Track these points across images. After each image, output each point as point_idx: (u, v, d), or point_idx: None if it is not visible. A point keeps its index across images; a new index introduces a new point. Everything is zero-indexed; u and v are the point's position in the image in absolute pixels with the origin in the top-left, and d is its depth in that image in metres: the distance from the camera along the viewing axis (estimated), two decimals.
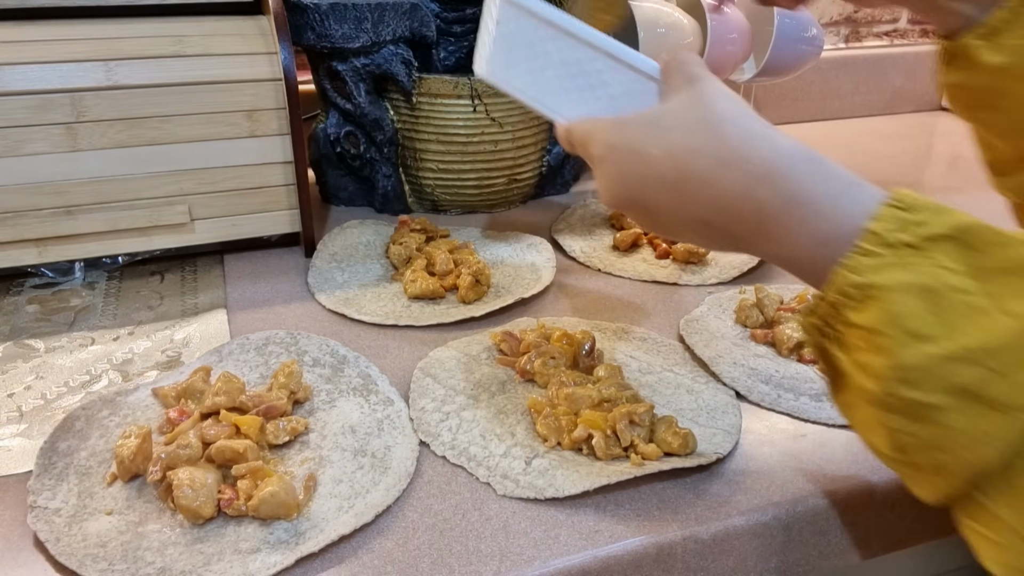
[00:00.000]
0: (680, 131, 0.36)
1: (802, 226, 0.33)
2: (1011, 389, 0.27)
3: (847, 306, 0.31)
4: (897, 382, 0.29)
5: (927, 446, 0.29)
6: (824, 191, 0.33)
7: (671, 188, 0.36)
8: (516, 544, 0.40)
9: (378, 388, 0.51)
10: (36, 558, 0.39)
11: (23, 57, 0.58)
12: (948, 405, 0.28)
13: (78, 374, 0.53)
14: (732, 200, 0.35)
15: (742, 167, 0.34)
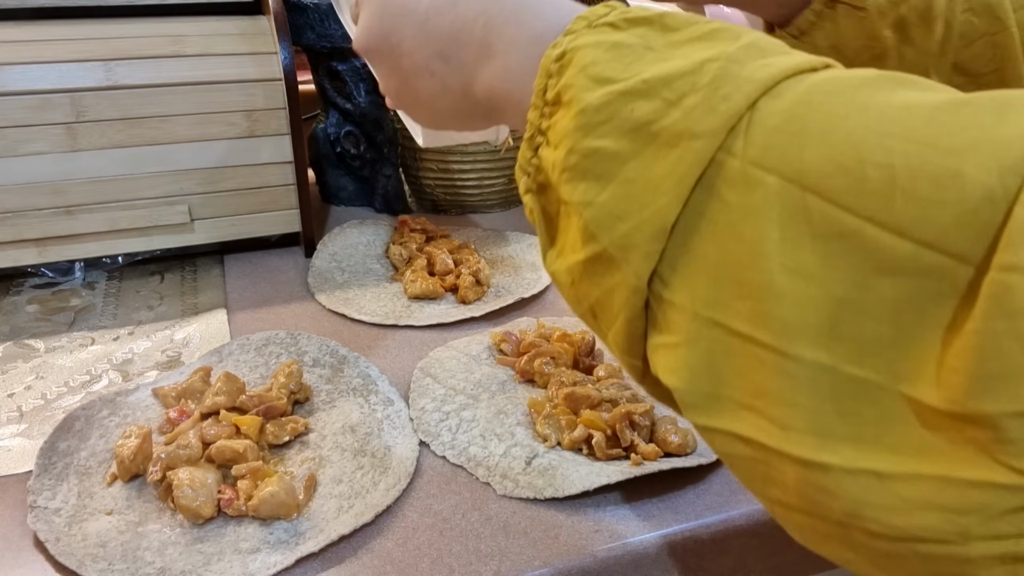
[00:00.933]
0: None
1: (520, 29, 0.32)
2: (683, 116, 0.24)
3: (548, 87, 0.29)
4: (581, 133, 0.26)
5: (605, 214, 0.25)
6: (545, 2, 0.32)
7: (420, 21, 0.36)
8: (516, 544, 0.40)
9: (378, 388, 0.51)
10: (36, 558, 0.39)
11: (23, 57, 0.58)
12: (622, 147, 0.25)
13: (78, 374, 0.53)
14: (467, 21, 0.34)
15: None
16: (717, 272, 0.23)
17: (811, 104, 0.22)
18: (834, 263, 0.20)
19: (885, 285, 0.20)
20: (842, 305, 0.20)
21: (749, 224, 0.22)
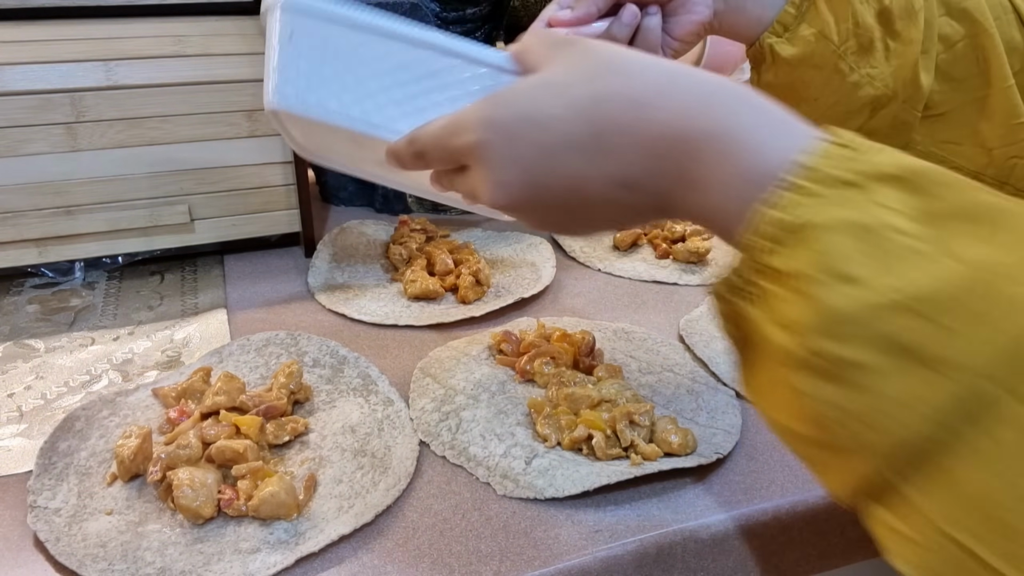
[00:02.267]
0: (581, 82, 0.31)
1: (727, 161, 0.28)
2: (952, 344, 0.22)
3: (767, 250, 0.26)
4: (821, 335, 0.24)
5: (849, 418, 0.24)
6: (754, 122, 0.29)
7: (583, 148, 0.31)
8: (516, 544, 0.40)
9: (378, 388, 0.51)
10: (36, 558, 0.39)
11: (23, 57, 0.58)
12: (877, 364, 0.23)
13: (78, 374, 0.53)
14: (656, 144, 0.30)
15: (665, 104, 0.30)
16: (971, 501, 0.22)
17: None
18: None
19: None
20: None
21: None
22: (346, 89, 0.35)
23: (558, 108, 0.31)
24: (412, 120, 0.35)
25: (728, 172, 0.28)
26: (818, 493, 0.43)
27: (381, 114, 0.36)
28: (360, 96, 0.35)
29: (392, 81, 0.35)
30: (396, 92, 0.36)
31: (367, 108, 0.35)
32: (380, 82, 0.36)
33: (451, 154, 0.35)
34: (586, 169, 0.31)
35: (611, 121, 0.31)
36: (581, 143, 0.31)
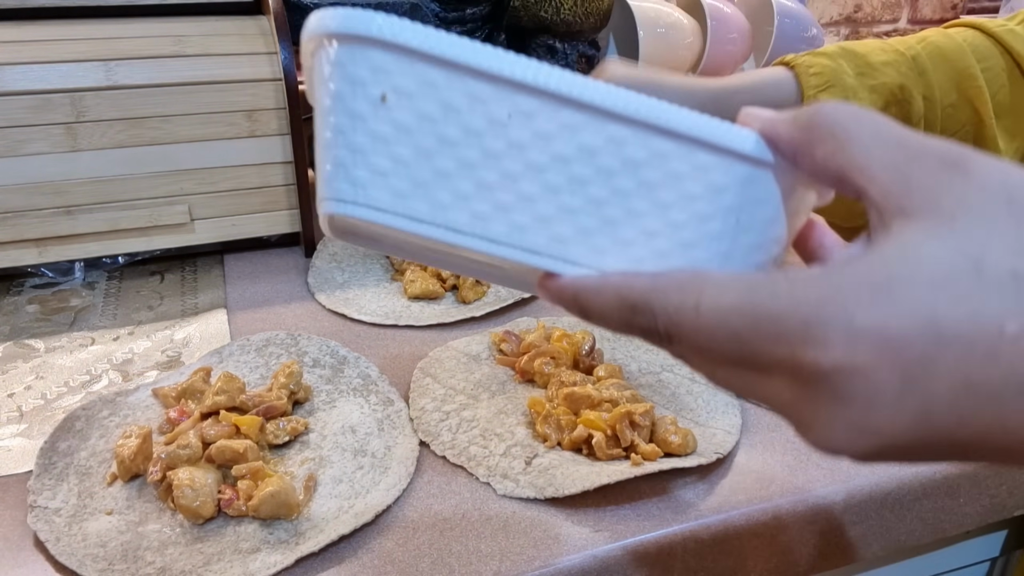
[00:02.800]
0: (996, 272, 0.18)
1: None
2: None
3: None
4: None
5: None
6: None
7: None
8: (516, 544, 0.40)
9: (378, 388, 0.51)
10: (36, 558, 0.39)
11: (23, 57, 0.58)
12: None
13: (78, 374, 0.53)
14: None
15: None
16: None
17: None
18: None
19: None
20: None
21: None
22: (484, 191, 0.21)
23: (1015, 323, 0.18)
24: (596, 242, 0.22)
25: None
26: (818, 493, 0.43)
27: (545, 234, 0.22)
28: (508, 204, 0.22)
29: (563, 178, 0.22)
30: (569, 197, 0.22)
31: (521, 224, 0.22)
32: (542, 180, 0.21)
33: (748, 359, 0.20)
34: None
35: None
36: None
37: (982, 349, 0.18)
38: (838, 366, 0.19)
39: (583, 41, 0.80)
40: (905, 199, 0.19)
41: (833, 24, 1.22)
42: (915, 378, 0.18)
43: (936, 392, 0.18)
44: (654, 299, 0.21)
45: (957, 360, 0.18)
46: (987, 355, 0.18)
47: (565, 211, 0.22)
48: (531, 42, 0.79)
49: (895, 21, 1.25)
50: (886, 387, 0.19)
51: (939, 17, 1.28)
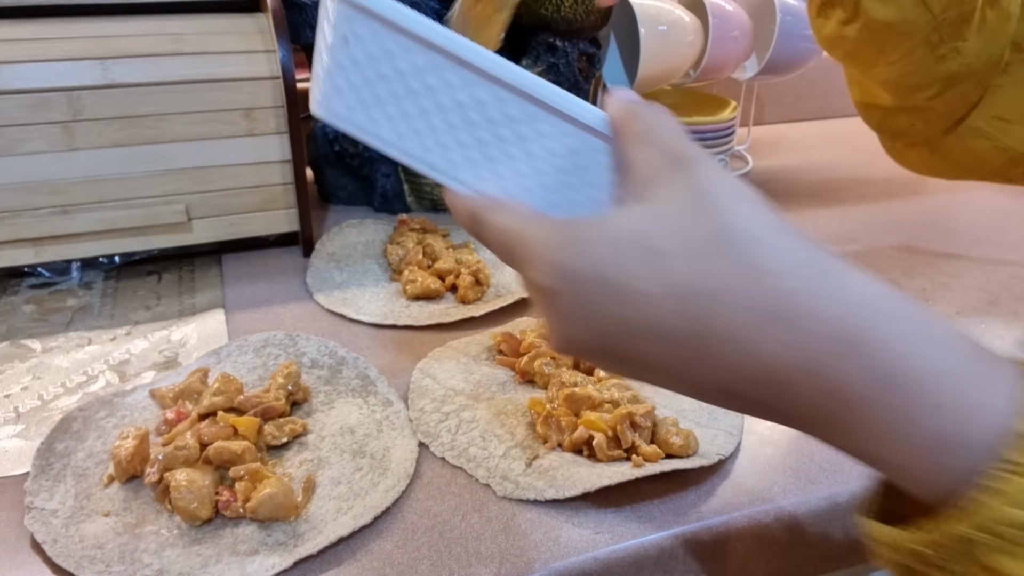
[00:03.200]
0: (685, 258, 0.24)
1: (906, 420, 0.22)
2: None
3: (997, 550, 0.21)
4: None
5: None
6: (939, 368, 0.22)
7: (679, 343, 0.25)
8: (516, 546, 0.39)
9: (377, 389, 0.51)
10: (33, 559, 0.39)
11: (19, 55, 0.57)
12: None
13: (75, 375, 0.53)
14: (786, 373, 0.23)
15: (804, 327, 0.23)
16: None
17: None
18: None
19: None
20: None
21: None
22: (405, 117, 0.29)
23: (652, 286, 0.24)
24: (479, 171, 0.30)
25: (905, 431, 0.22)
26: (820, 495, 0.43)
27: (443, 157, 0.30)
28: (420, 129, 0.29)
29: (460, 119, 0.29)
30: (463, 134, 0.29)
31: (427, 145, 0.30)
32: (446, 117, 0.29)
33: (515, 268, 0.29)
34: (676, 363, 0.25)
35: (721, 328, 0.24)
36: (677, 337, 0.25)
37: (629, 300, 0.25)
38: (544, 286, 0.26)
39: (584, 39, 0.80)
40: (639, 188, 0.27)
41: None
42: (589, 306, 0.26)
43: (601, 323, 0.26)
44: (485, 215, 0.29)
45: (615, 302, 0.25)
46: (630, 304, 0.25)
47: (459, 144, 0.30)
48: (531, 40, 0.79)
49: None
50: (573, 309, 0.26)
51: None
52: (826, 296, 0.23)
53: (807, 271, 0.24)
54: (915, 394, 0.22)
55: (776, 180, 0.95)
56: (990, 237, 0.78)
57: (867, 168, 0.98)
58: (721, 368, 0.24)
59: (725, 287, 0.24)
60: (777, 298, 0.23)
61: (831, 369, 0.23)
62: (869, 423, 0.23)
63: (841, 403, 0.23)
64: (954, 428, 0.22)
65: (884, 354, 0.22)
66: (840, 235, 0.78)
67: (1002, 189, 0.90)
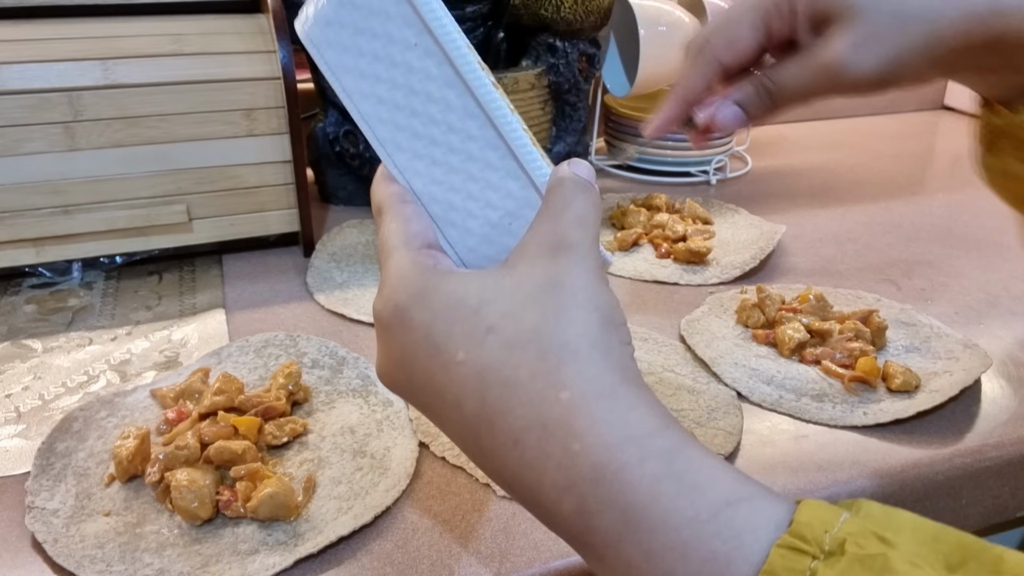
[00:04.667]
0: (503, 340, 0.25)
1: (646, 559, 0.22)
2: None
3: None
4: None
5: None
6: (683, 513, 0.22)
7: (469, 424, 0.25)
8: (516, 546, 0.40)
9: (377, 389, 0.51)
10: (34, 559, 0.39)
11: (20, 56, 0.58)
12: None
13: (76, 374, 0.53)
14: (546, 483, 0.24)
15: (567, 444, 0.23)
16: None
17: None
18: None
19: None
20: None
21: None
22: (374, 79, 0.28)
23: (466, 358, 0.25)
24: (415, 165, 0.29)
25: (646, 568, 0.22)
26: (820, 495, 0.43)
27: (391, 133, 0.29)
28: (383, 98, 0.29)
29: (423, 109, 0.29)
30: (419, 124, 0.29)
31: (381, 115, 0.29)
32: (410, 101, 0.29)
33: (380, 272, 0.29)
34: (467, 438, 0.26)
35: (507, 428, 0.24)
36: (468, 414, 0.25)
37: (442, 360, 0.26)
38: (380, 316, 0.27)
39: (583, 39, 0.80)
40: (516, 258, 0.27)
41: None
42: (409, 353, 0.27)
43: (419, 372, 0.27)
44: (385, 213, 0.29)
45: (430, 360, 0.26)
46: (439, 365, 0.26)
47: (410, 131, 0.29)
48: (531, 40, 0.79)
49: None
50: (395, 349, 0.27)
51: None
52: (601, 422, 0.23)
53: (593, 390, 0.24)
54: (661, 538, 0.22)
55: (775, 181, 0.95)
56: (989, 237, 0.78)
57: (866, 169, 0.98)
58: (498, 462, 0.25)
59: (520, 382, 0.24)
60: (559, 412, 0.23)
61: (589, 496, 0.23)
62: (616, 556, 0.23)
63: (596, 531, 0.23)
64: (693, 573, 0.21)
65: (636, 493, 0.22)
66: (839, 235, 0.78)
67: None
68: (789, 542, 0.20)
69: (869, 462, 0.45)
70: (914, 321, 0.60)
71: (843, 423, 0.49)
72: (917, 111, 1.28)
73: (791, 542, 0.20)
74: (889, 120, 1.23)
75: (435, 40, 0.28)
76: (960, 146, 1.10)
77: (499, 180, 0.29)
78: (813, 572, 0.20)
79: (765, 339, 0.57)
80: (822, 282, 0.68)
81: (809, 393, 0.51)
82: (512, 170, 0.29)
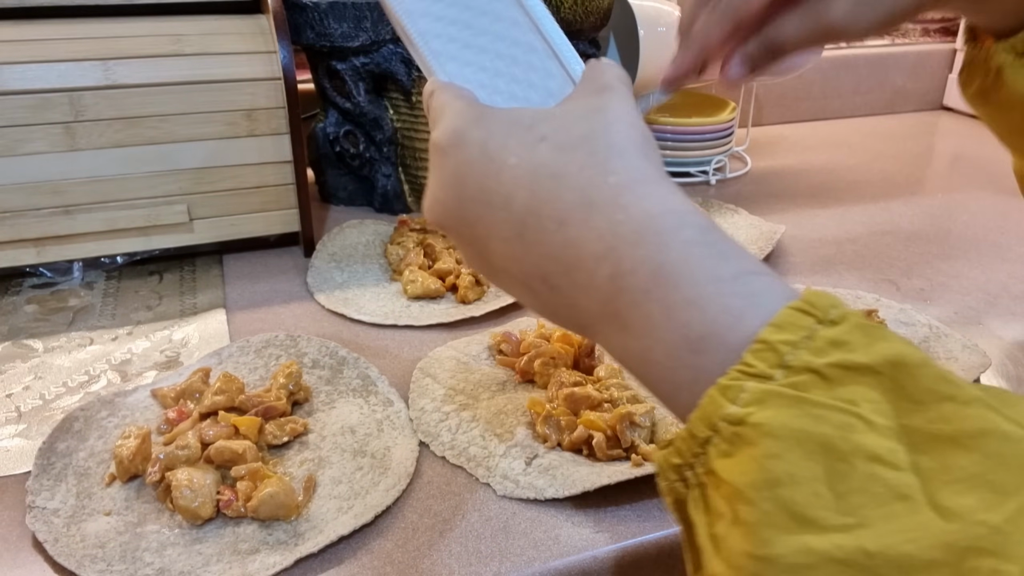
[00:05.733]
0: (554, 144, 0.27)
1: (667, 313, 0.23)
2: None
3: (714, 446, 0.21)
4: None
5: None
6: (708, 271, 0.23)
7: (517, 216, 0.27)
8: (516, 545, 0.40)
9: (377, 389, 0.51)
10: (35, 558, 0.39)
11: (21, 56, 0.58)
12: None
13: (77, 374, 0.53)
14: (586, 255, 0.25)
15: (612, 215, 0.25)
16: None
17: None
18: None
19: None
20: None
21: None
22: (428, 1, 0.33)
23: (516, 159, 0.28)
24: (463, 71, 0.32)
25: (664, 325, 0.23)
26: None
27: (443, 43, 0.33)
28: (438, 13, 0.33)
29: (474, 20, 0.32)
30: (468, 33, 0.33)
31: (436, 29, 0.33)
32: (462, 14, 0.33)
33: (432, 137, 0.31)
34: (508, 242, 0.28)
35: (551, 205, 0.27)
36: (516, 210, 0.27)
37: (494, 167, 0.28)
38: (438, 144, 0.30)
39: (583, 40, 0.80)
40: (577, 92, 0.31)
41: None
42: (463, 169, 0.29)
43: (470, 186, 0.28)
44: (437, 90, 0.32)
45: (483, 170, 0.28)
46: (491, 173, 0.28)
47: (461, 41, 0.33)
48: None
49: None
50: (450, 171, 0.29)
51: (940, 16, 1.27)
52: (646, 197, 0.26)
53: (639, 176, 0.26)
54: (682, 288, 0.23)
55: (775, 181, 0.95)
56: (988, 237, 0.78)
57: (865, 169, 0.98)
58: (541, 250, 0.27)
59: (569, 173, 0.27)
60: (606, 192, 0.26)
61: (626, 257, 0.25)
62: (641, 313, 0.24)
63: (625, 291, 0.24)
64: (709, 327, 0.23)
65: (670, 252, 0.24)
66: (839, 235, 0.78)
67: (1000, 189, 0.90)
68: (798, 305, 0.22)
69: None
70: (913, 321, 0.60)
71: None
72: (917, 111, 1.28)
73: (799, 305, 0.22)
74: (889, 120, 1.23)
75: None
76: (960, 146, 1.10)
77: (540, 80, 0.33)
78: (813, 332, 0.21)
79: None
80: (821, 282, 0.68)
81: None
82: (553, 70, 0.32)
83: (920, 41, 1.28)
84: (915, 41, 1.28)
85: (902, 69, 1.24)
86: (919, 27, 1.27)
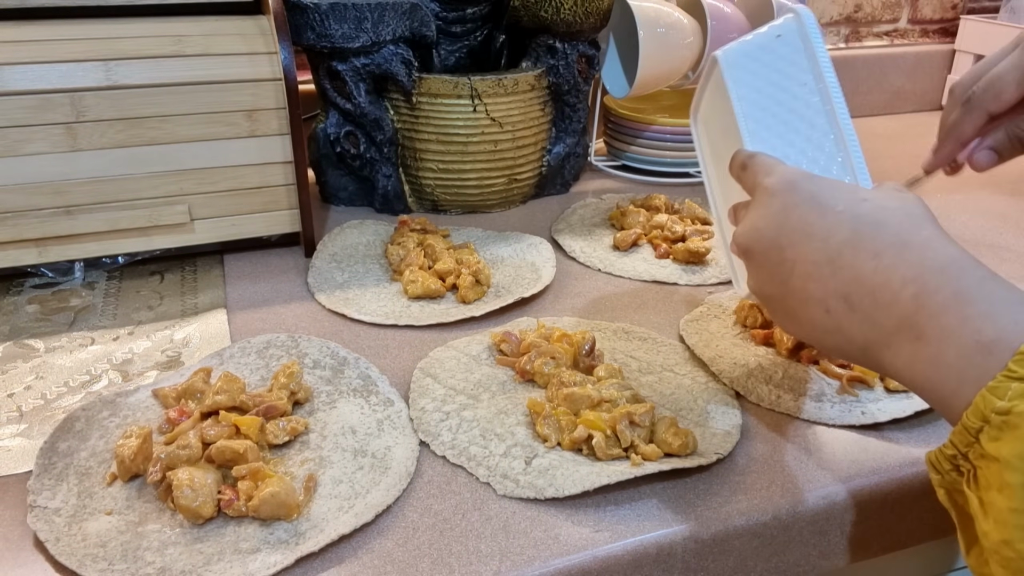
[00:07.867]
0: (875, 205, 0.36)
1: (963, 323, 0.30)
2: None
3: (985, 434, 0.28)
4: (1017, 529, 0.26)
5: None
6: (999, 294, 0.31)
7: (831, 250, 0.35)
8: (516, 544, 0.40)
9: (378, 389, 0.51)
10: (36, 558, 0.39)
11: (23, 57, 0.58)
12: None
13: (78, 374, 0.53)
14: (895, 279, 0.33)
15: (923, 252, 0.33)
16: None
17: None
18: None
19: None
20: None
21: None
22: (761, 95, 0.44)
23: (843, 206, 0.36)
24: (767, 145, 0.43)
25: (960, 333, 0.30)
26: (818, 493, 0.43)
27: (759, 128, 0.44)
28: (765, 107, 0.44)
29: (792, 119, 0.44)
30: (781, 126, 0.44)
31: (758, 118, 0.44)
32: (785, 115, 0.44)
33: (751, 184, 0.41)
34: (819, 268, 0.36)
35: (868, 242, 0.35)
36: (833, 245, 0.35)
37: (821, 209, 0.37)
38: (770, 187, 0.39)
39: (583, 41, 0.80)
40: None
41: (833, 24, 1.22)
42: (789, 207, 0.38)
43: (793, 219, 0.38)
44: (755, 156, 0.43)
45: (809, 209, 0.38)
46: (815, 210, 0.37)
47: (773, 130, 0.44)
48: (531, 42, 0.79)
49: (895, 21, 1.25)
50: (776, 209, 0.39)
51: (939, 17, 1.28)
52: (950, 247, 0.34)
53: (943, 237, 0.34)
54: (977, 307, 0.30)
55: None
56: (987, 238, 0.78)
57: None
58: (850, 275, 0.35)
59: (889, 223, 0.35)
60: (919, 239, 0.34)
61: (931, 280, 0.32)
62: (939, 325, 0.31)
63: (926, 307, 0.31)
64: (993, 338, 0.29)
65: (969, 280, 0.31)
66: None
67: (999, 190, 0.90)
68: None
69: (867, 461, 0.46)
70: None
71: (841, 423, 0.49)
72: (917, 111, 1.28)
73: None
74: (889, 120, 1.23)
75: (824, 88, 0.44)
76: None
77: (825, 162, 0.44)
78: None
79: (764, 339, 0.58)
80: None
81: (807, 393, 0.52)
82: (839, 158, 0.44)
83: (919, 42, 1.28)
84: (914, 42, 1.28)
85: (901, 70, 1.25)
86: (919, 27, 1.27)
